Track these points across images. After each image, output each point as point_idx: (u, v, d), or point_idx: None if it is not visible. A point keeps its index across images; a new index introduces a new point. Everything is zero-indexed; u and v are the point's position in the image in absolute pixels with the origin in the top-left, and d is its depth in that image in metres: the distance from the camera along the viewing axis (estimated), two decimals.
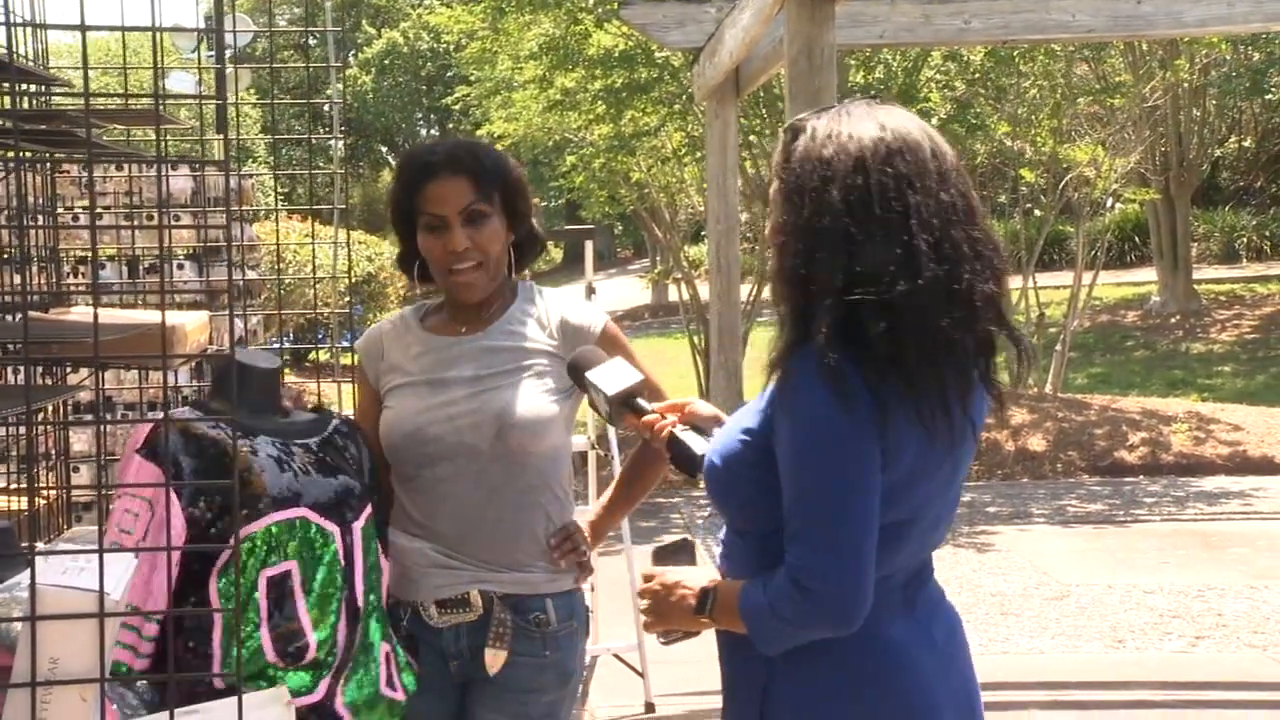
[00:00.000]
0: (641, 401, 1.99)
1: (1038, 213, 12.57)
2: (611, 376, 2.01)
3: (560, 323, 2.20)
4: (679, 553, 1.86)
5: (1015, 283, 12.40)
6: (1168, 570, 6.86)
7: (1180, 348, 15.26)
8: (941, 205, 1.63)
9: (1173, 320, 16.29)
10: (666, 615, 1.80)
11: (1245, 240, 20.12)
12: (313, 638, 1.96)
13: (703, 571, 1.81)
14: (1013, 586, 6.64)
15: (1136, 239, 19.55)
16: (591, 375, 2.02)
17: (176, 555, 1.90)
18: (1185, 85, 14.67)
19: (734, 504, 1.76)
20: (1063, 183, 12.04)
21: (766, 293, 8.72)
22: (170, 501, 1.89)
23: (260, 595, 1.93)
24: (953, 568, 7.09)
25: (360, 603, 2.04)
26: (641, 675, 4.69)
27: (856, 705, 1.68)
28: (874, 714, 1.69)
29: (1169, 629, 5.79)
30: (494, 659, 2.13)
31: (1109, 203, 13.70)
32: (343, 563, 2.02)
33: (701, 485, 1.86)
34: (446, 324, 2.25)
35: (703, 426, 1.94)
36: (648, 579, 1.84)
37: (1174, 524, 8.15)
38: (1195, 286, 17.03)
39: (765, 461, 1.66)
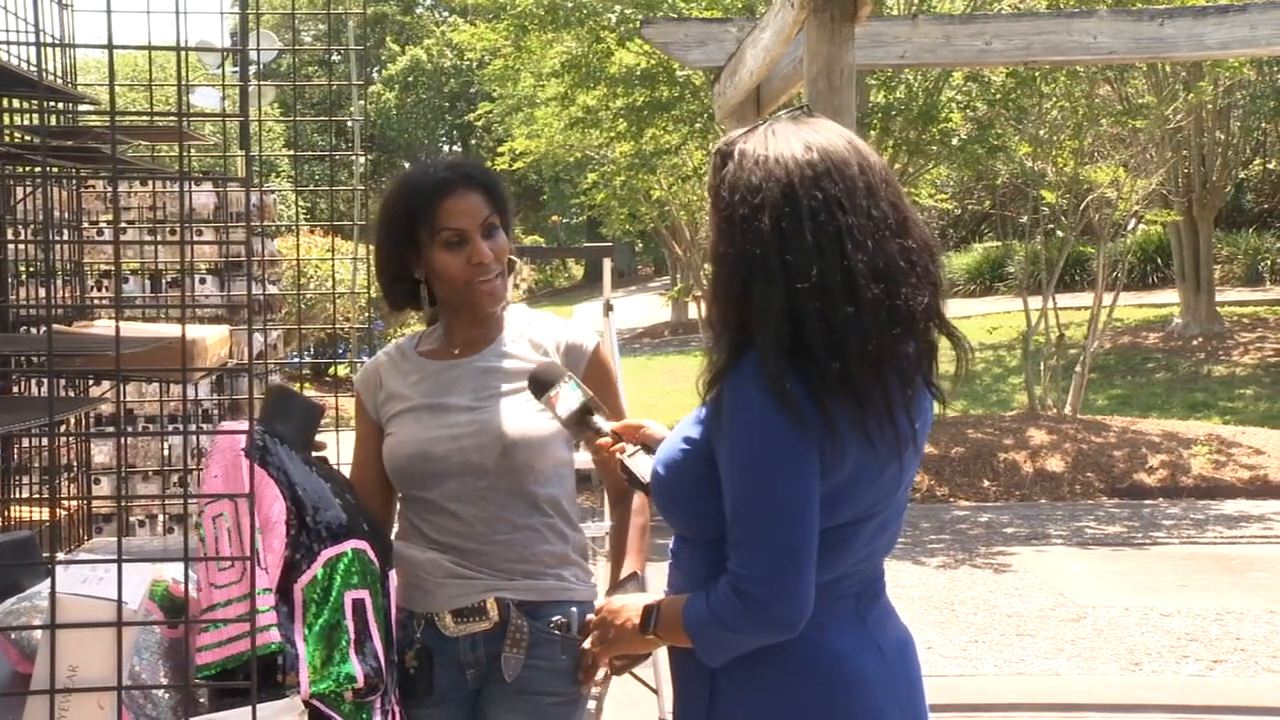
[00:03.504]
0: (598, 420, 2.02)
1: (1059, 233, 12.54)
2: (567, 396, 2.03)
3: (555, 342, 2.24)
4: (627, 584, 1.92)
5: (1035, 303, 12.38)
6: (1186, 593, 6.81)
7: (1202, 370, 15.14)
8: (873, 221, 1.64)
9: (1194, 342, 16.17)
10: (614, 641, 1.84)
11: (1269, 262, 19.97)
12: (385, 668, 1.96)
13: (647, 595, 1.85)
14: (1029, 607, 6.61)
15: (1158, 260, 19.42)
16: (549, 395, 2.04)
17: (279, 556, 1.90)
18: (1208, 107, 14.63)
19: (677, 512, 1.77)
20: (1084, 204, 12.02)
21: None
22: (278, 498, 1.91)
23: (347, 618, 1.92)
24: (969, 588, 7.07)
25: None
26: (655, 691, 4.69)
27: (799, 708, 1.69)
28: (817, 717, 1.69)
29: (1186, 652, 5.76)
30: (511, 664, 2.14)
31: (1131, 224, 13.65)
32: (385, 603, 2.04)
33: None
34: (443, 349, 2.27)
35: (655, 448, 1.95)
36: (597, 612, 1.89)
37: (1193, 547, 8.09)
38: (1218, 308, 16.90)
39: (706, 471, 1.68)
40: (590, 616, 2.09)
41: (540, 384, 2.06)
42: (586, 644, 1.93)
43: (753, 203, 1.64)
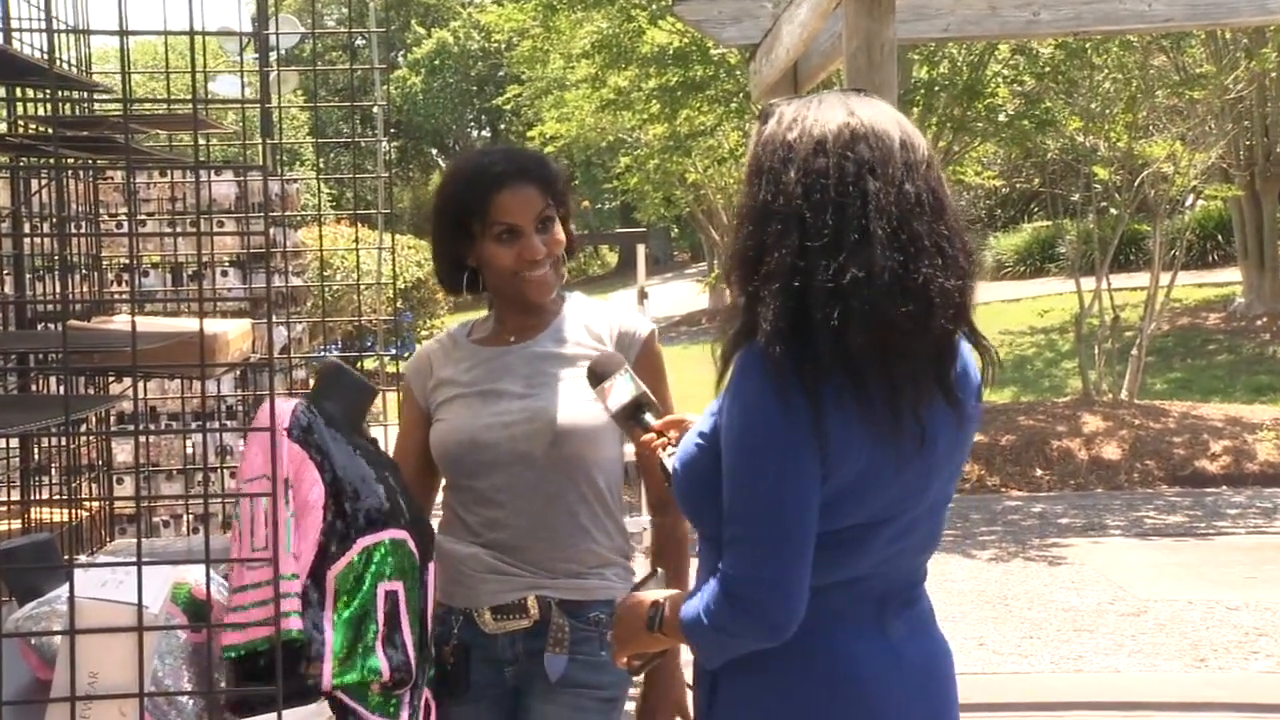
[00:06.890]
0: (648, 416, 2.00)
1: (1112, 211, 12.22)
2: (620, 388, 2.02)
3: (610, 329, 2.23)
4: (648, 581, 1.89)
5: (1088, 284, 12.08)
6: (1254, 585, 6.60)
7: (1267, 351, 14.67)
8: (904, 195, 1.57)
9: (1259, 322, 15.68)
10: (627, 639, 1.81)
11: None
12: (414, 663, 1.94)
13: (661, 592, 1.81)
14: (1086, 602, 6.44)
15: (1219, 237, 18.87)
16: (603, 386, 2.03)
17: (312, 542, 1.87)
18: (1272, 75, 14.13)
19: (691, 509, 1.74)
20: (1139, 180, 11.70)
21: None
22: (317, 482, 1.88)
23: (378, 610, 1.90)
24: (1023, 581, 6.91)
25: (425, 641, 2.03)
26: (692, 688, 4.57)
27: (799, 710, 1.63)
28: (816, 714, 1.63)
29: (1255, 648, 5.58)
30: (554, 664, 2.14)
31: (1189, 200, 13.27)
32: (421, 595, 2.00)
33: None
34: (495, 335, 2.27)
35: None
36: (615, 609, 1.88)
37: (1260, 537, 7.87)
38: None
39: (716, 465, 1.64)
40: None
41: (597, 374, 2.05)
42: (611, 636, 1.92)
43: (784, 156, 1.60)
